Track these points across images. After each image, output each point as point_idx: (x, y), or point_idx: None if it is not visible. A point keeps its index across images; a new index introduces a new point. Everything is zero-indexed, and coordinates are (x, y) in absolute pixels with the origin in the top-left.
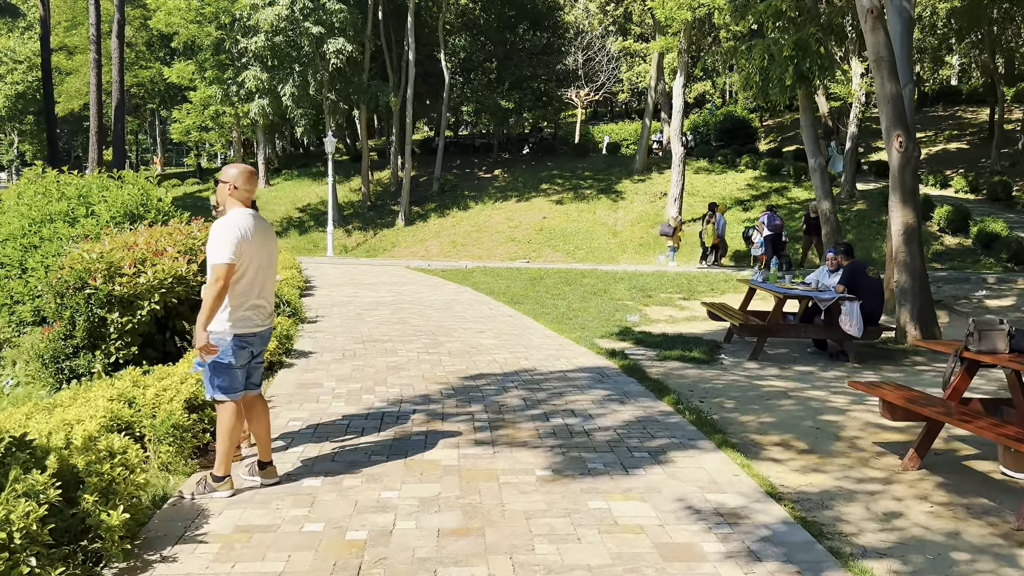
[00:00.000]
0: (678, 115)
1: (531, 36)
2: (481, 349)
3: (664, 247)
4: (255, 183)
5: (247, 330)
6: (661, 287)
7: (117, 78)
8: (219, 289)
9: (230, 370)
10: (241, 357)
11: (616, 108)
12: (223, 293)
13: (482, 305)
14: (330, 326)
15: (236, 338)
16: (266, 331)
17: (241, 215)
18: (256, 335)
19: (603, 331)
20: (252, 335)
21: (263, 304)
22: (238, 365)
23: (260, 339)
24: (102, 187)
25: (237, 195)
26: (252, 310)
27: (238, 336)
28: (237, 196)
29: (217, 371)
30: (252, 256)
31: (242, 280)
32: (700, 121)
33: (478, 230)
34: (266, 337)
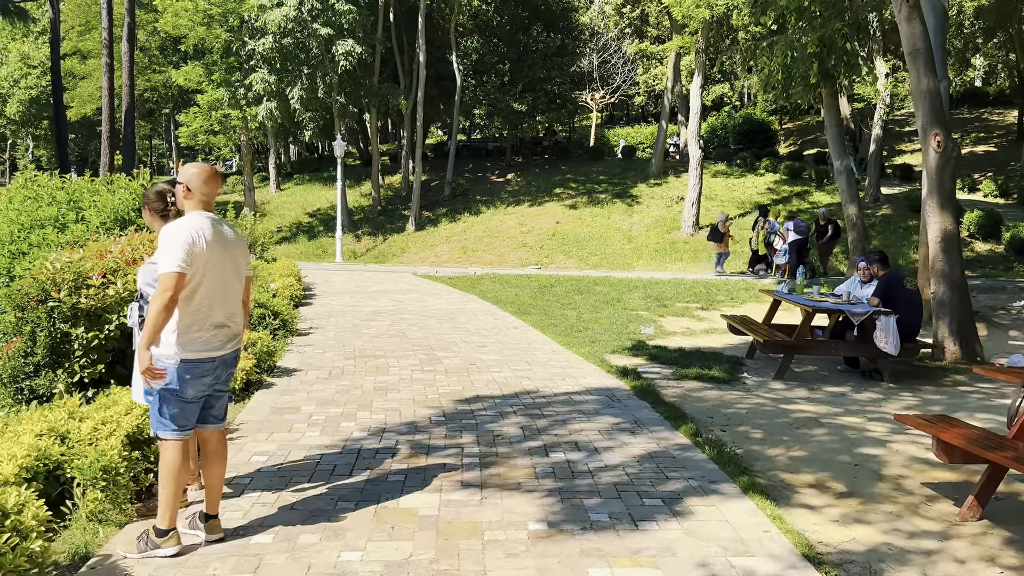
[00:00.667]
0: (695, 117)
1: (545, 38)
2: (481, 366)
3: (711, 254)
4: (215, 185)
5: (203, 354)
6: (677, 296)
7: (127, 82)
8: (166, 302)
9: (181, 402)
10: (195, 386)
11: (632, 112)
12: (171, 307)
13: (487, 316)
14: (322, 339)
15: (188, 363)
16: (230, 355)
17: (197, 219)
18: (216, 360)
19: (615, 345)
20: (209, 360)
21: (225, 324)
22: (191, 396)
23: (222, 365)
24: (93, 192)
25: (193, 198)
26: (210, 330)
27: (190, 361)
28: (193, 200)
29: (165, 401)
30: (209, 266)
31: (197, 294)
32: (718, 124)
33: (489, 235)
34: (230, 362)
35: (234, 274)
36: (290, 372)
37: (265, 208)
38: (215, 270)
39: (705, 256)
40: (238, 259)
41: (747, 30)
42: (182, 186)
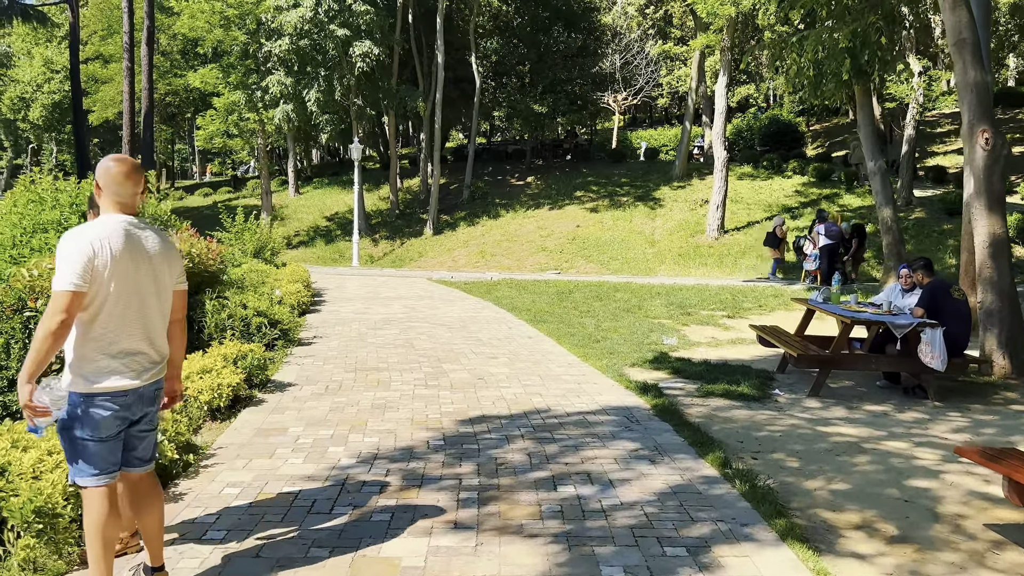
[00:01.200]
0: (720, 117)
1: (566, 38)
2: (489, 381)
3: (768, 260)
4: (136, 182)
5: (112, 386)
6: (702, 303)
7: (147, 85)
8: (54, 327)
9: (92, 442)
10: (104, 425)
11: (655, 114)
12: (61, 332)
13: (501, 324)
14: (324, 350)
15: (89, 397)
16: (149, 387)
17: (107, 224)
18: (129, 394)
19: (635, 357)
20: (119, 393)
21: (140, 350)
22: (99, 436)
23: (139, 399)
24: None
25: (107, 197)
26: (119, 358)
27: (93, 395)
28: (106, 200)
29: (73, 443)
30: (116, 282)
31: (100, 316)
32: (744, 125)
33: (508, 239)
34: (150, 395)
35: (154, 290)
36: (284, 387)
37: (283, 212)
38: (125, 286)
39: (730, 261)
40: (160, 272)
41: (773, 29)
42: (95, 183)
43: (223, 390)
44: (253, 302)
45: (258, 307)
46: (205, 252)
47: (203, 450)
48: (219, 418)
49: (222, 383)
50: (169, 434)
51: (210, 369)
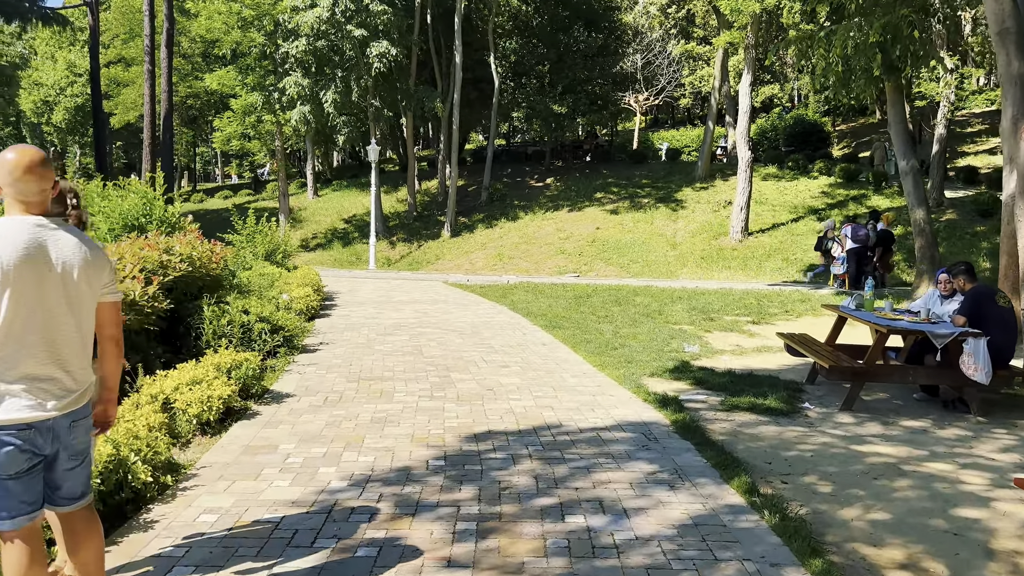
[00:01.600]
0: (744, 116)
1: (586, 37)
2: (499, 392)
3: (812, 263)
4: (41, 177)
5: (10, 417)
6: (725, 308)
7: (166, 88)
8: None
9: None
10: (7, 462)
11: (677, 114)
12: None
13: (515, 330)
14: (329, 357)
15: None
16: (63, 419)
17: (6, 227)
18: (36, 427)
19: (654, 366)
20: (23, 427)
21: (50, 375)
22: (4, 473)
23: (52, 432)
24: (104, 197)
25: (7, 196)
26: (20, 385)
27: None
28: (8, 198)
29: None
30: (13, 296)
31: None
32: (768, 126)
33: (526, 242)
34: (62, 428)
35: (66, 305)
36: (281, 398)
37: (301, 214)
38: (24, 300)
39: (755, 263)
40: (76, 283)
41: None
42: None
43: (213, 403)
44: (256, 307)
45: (261, 313)
46: (207, 255)
47: (186, 469)
48: (209, 432)
49: (213, 395)
50: (144, 454)
51: (201, 380)
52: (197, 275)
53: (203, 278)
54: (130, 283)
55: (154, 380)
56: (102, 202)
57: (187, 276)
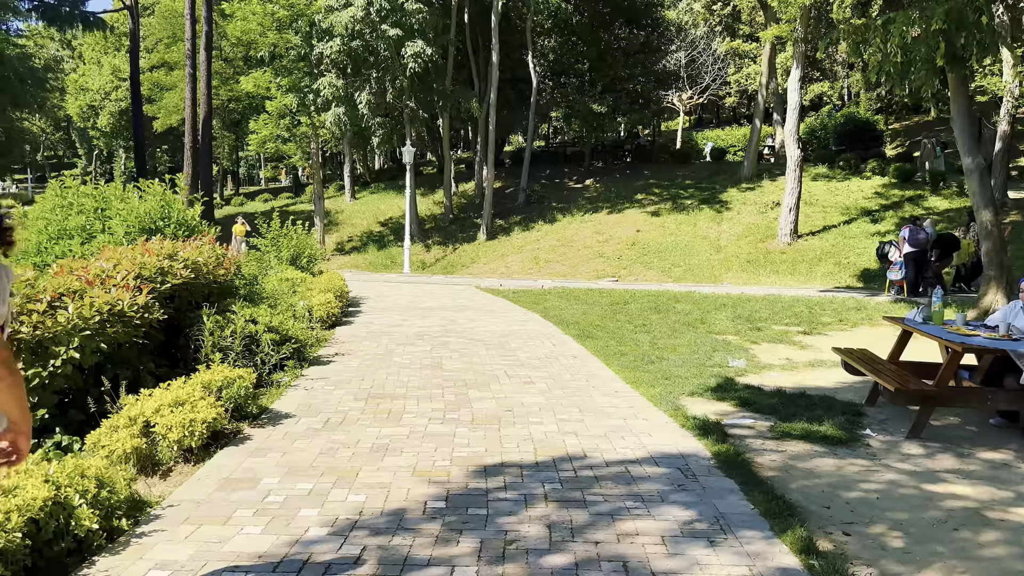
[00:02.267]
0: (794, 113)
1: (627, 34)
2: (519, 414)
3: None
4: None
5: None
6: (773, 316)
7: (205, 91)
8: None
9: None
10: None
11: (723, 114)
12: None
13: (545, 340)
14: (342, 370)
15: None
16: None
17: None
18: None
19: (695, 384)
20: None
21: None
22: None
23: None
24: (122, 199)
25: None
26: None
27: None
28: None
29: None
30: None
31: None
32: (817, 124)
33: (564, 245)
34: None
35: None
36: (278, 419)
37: (338, 217)
38: None
39: (804, 268)
40: None
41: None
42: None
43: (196, 427)
44: (264, 317)
45: (270, 322)
46: (212, 261)
47: (152, 507)
48: (192, 459)
49: (196, 419)
50: (93, 495)
51: (184, 401)
52: (203, 282)
53: (210, 285)
54: (116, 292)
55: (138, 400)
56: (120, 205)
57: (191, 284)
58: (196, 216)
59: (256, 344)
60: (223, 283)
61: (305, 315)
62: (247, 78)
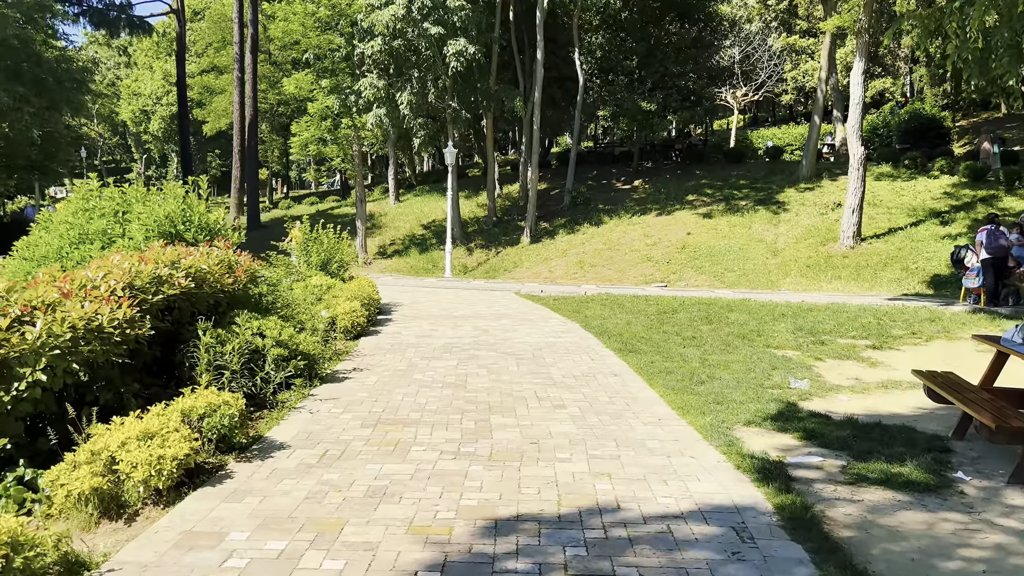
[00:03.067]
0: (856, 108)
1: (678, 29)
2: (544, 448)
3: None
4: None
5: None
6: (838, 328)
7: (251, 93)
8: None
9: None
10: None
11: (779, 112)
12: None
13: (583, 354)
14: (355, 389)
15: None
16: None
17: None
18: None
19: (751, 410)
20: None
21: None
22: None
23: None
24: (143, 201)
25: None
26: None
27: None
28: None
29: None
30: None
31: None
32: (879, 122)
33: (610, 248)
34: None
35: None
36: (270, 451)
37: (381, 220)
38: None
39: (869, 273)
40: None
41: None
42: None
43: (165, 465)
44: (273, 329)
45: (279, 336)
46: (216, 268)
47: (90, 570)
48: (162, 501)
49: (165, 455)
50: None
51: (155, 433)
52: (208, 292)
53: (216, 295)
54: (92, 306)
55: (108, 429)
56: (140, 208)
57: (193, 294)
58: (220, 220)
59: (263, 360)
60: (233, 292)
61: (327, 326)
62: (289, 80)
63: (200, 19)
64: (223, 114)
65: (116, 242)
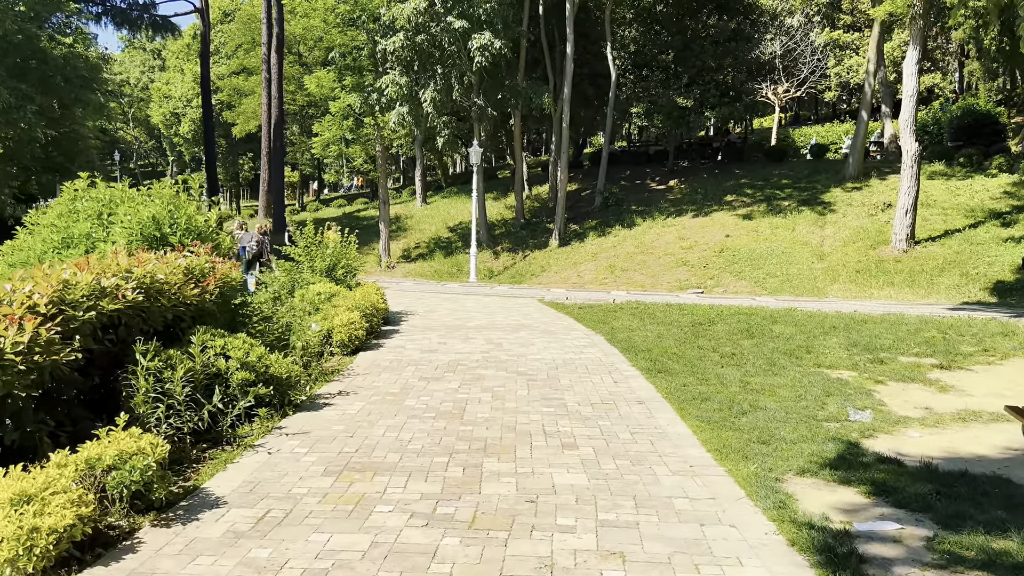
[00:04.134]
0: (910, 101)
1: (716, 21)
2: (544, 509)
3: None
4: None
5: None
6: (897, 343)
7: (276, 94)
8: None
9: None
10: None
11: (821, 110)
12: None
13: (604, 375)
14: (333, 419)
15: None
16: None
17: None
18: None
19: (806, 454)
20: None
21: None
22: None
23: None
24: (127, 202)
25: None
26: None
27: None
28: None
29: None
30: None
31: None
32: (929, 118)
33: (643, 252)
34: None
35: None
36: (198, 510)
37: (407, 223)
38: None
39: (925, 279)
40: None
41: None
42: None
43: (39, 540)
44: (239, 349)
45: (246, 357)
46: (176, 278)
47: None
48: None
49: (41, 527)
50: None
51: (33, 496)
52: (164, 305)
53: (175, 308)
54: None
55: None
56: (124, 209)
57: (143, 309)
58: (212, 222)
59: (226, 386)
60: (200, 305)
61: (321, 340)
62: (311, 78)
63: (231, 20)
64: (252, 116)
65: (99, 246)
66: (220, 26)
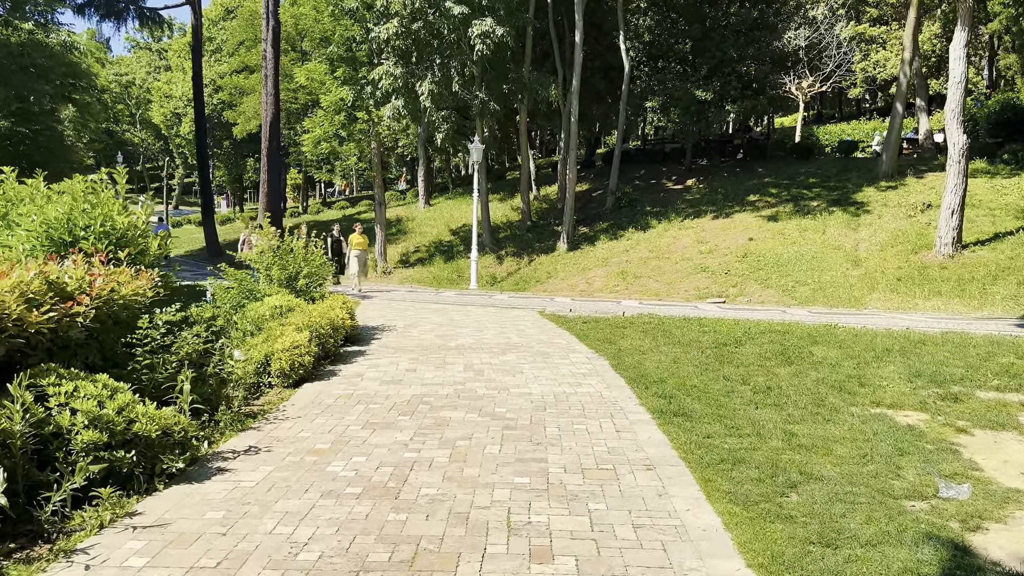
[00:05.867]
0: (958, 88)
1: (737, 10)
2: None
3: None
4: None
5: None
6: (971, 373)
7: (272, 90)
8: None
9: None
10: None
11: (846, 108)
12: None
13: (604, 419)
14: (214, 501)
15: None
16: None
17: None
18: None
19: (894, 570)
20: None
21: None
22: None
23: None
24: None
25: None
26: None
27: None
28: None
29: None
30: None
31: None
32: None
33: (657, 256)
34: None
35: None
36: None
37: (408, 225)
38: None
39: (976, 288)
40: None
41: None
42: None
43: None
44: (91, 399)
45: (100, 410)
46: (11, 299)
47: None
48: None
49: None
50: None
51: None
52: None
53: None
54: None
55: None
56: (25, 209)
57: None
58: (142, 223)
59: (68, 452)
60: (64, 333)
61: (254, 369)
62: (300, 69)
63: (233, 17)
64: (253, 116)
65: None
66: (222, 23)
